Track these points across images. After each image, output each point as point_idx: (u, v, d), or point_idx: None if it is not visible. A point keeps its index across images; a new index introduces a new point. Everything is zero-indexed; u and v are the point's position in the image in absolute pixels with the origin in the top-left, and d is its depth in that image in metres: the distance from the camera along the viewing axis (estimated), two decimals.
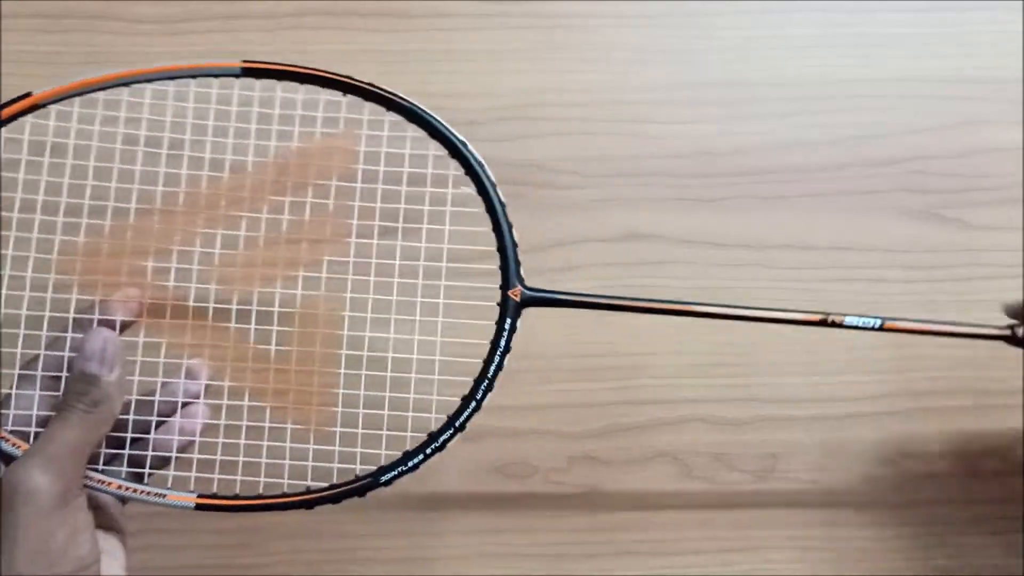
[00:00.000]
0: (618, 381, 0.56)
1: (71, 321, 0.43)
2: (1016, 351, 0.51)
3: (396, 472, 0.43)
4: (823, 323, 0.46)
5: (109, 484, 0.42)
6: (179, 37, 0.57)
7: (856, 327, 0.47)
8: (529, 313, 0.56)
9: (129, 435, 0.43)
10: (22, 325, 0.43)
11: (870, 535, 0.56)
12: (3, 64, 0.56)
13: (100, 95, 0.43)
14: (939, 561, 0.56)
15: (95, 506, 0.42)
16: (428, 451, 0.43)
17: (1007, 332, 0.48)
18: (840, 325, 0.46)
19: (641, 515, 0.56)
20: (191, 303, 0.44)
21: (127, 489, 0.42)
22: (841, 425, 0.56)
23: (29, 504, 0.37)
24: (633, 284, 0.56)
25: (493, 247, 0.44)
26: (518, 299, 0.44)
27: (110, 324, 0.42)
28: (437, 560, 0.55)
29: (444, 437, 0.43)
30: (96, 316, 0.42)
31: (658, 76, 0.58)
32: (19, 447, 0.41)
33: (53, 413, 0.41)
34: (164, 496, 0.42)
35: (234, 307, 0.45)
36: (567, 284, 0.56)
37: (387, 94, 0.44)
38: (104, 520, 0.43)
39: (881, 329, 0.47)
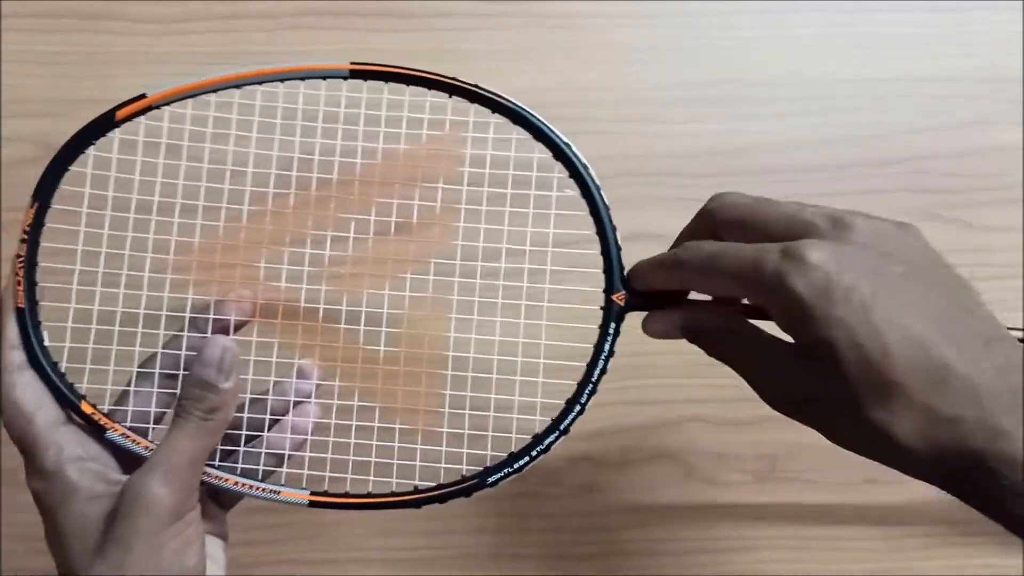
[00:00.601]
0: (618, 381, 0.56)
1: (187, 320, 0.44)
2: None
3: (503, 473, 0.44)
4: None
5: (226, 480, 0.43)
6: (179, 37, 0.57)
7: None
8: (531, 313, 0.56)
9: (244, 433, 0.44)
10: (140, 324, 0.44)
11: (870, 535, 0.56)
12: (3, 64, 0.56)
13: (212, 97, 0.44)
14: (939, 561, 0.56)
15: (204, 512, 0.43)
16: (534, 453, 0.44)
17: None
18: None
19: (641, 515, 0.56)
20: (302, 304, 0.45)
21: (243, 486, 0.43)
22: None
23: (148, 515, 0.38)
24: None
25: (597, 251, 0.44)
26: (622, 303, 0.44)
27: (224, 325, 0.43)
28: (437, 560, 0.55)
29: (549, 440, 0.44)
30: (211, 316, 0.43)
31: (659, 76, 0.58)
32: (139, 443, 0.42)
33: (170, 413, 0.41)
34: (278, 493, 0.43)
35: (344, 308, 0.45)
36: (568, 283, 0.56)
37: (492, 95, 0.44)
38: (210, 525, 0.44)
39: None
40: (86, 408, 0.42)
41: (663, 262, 0.41)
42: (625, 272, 0.44)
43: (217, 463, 0.44)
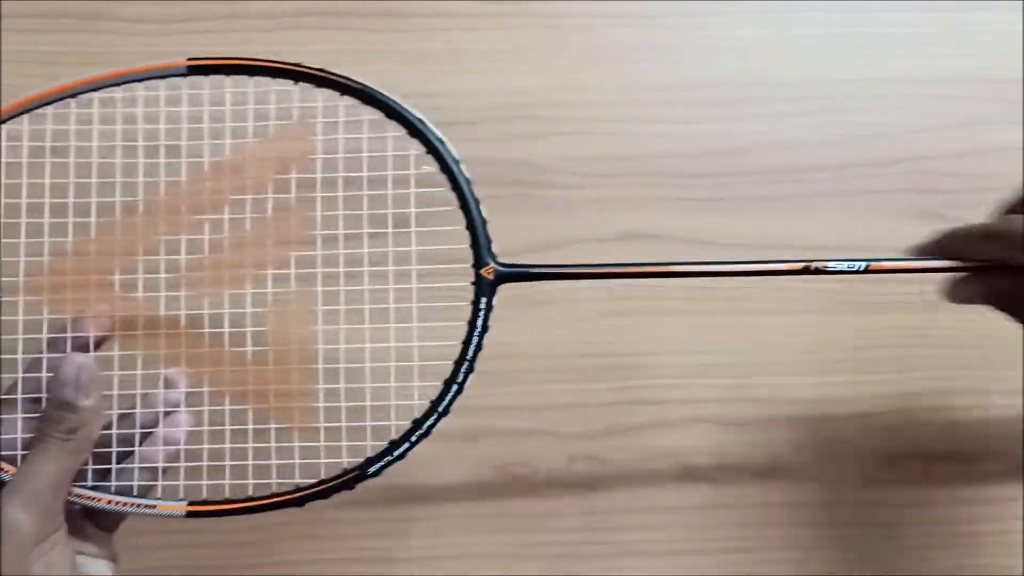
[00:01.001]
0: (618, 381, 0.56)
1: (45, 342, 0.43)
2: (1017, 353, 0.51)
3: (383, 462, 0.43)
4: (806, 271, 0.45)
5: (99, 500, 0.42)
6: (179, 37, 0.57)
7: (841, 272, 0.45)
8: (530, 312, 0.56)
9: (115, 450, 0.43)
10: None
11: (870, 535, 0.56)
12: (3, 64, 0.56)
13: (48, 110, 0.43)
14: (939, 561, 0.56)
15: (84, 534, 0.42)
16: (413, 438, 0.43)
17: (997, 260, 0.44)
18: (824, 272, 0.45)
19: (641, 515, 0.56)
20: (162, 312, 0.44)
21: (119, 503, 0.42)
22: (841, 425, 0.56)
23: (9, 540, 0.37)
24: (634, 284, 0.56)
25: (462, 226, 0.44)
26: (491, 277, 0.44)
27: (84, 342, 0.42)
28: (437, 560, 0.55)
29: (429, 423, 0.43)
30: (69, 335, 0.42)
31: (658, 76, 0.58)
32: (8, 471, 0.41)
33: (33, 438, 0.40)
34: (154, 507, 0.42)
35: (206, 312, 0.44)
36: (567, 283, 0.56)
37: (339, 78, 0.43)
38: (93, 546, 0.43)
39: (867, 272, 0.45)
40: None
41: (988, 232, 0.43)
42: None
43: (91, 483, 0.42)
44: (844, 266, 0.45)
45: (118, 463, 0.43)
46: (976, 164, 0.58)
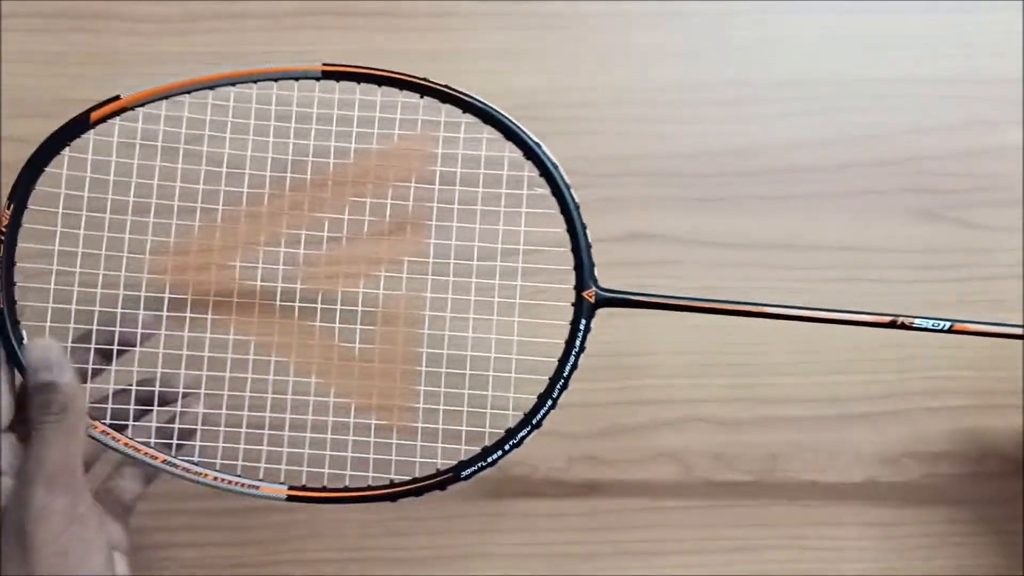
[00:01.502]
0: (618, 381, 0.56)
1: (94, 334, 0.44)
2: (1017, 352, 0.51)
3: (476, 467, 0.45)
4: (892, 325, 0.47)
5: (204, 475, 0.44)
6: (179, 37, 0.57)
7: (926, 329, 0.47)
8: (531, 313, 0.56)
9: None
10: (117, 323, 0.45)
11: (870, 535, 0.56)
12: (3, 64, 0.56)
13: (186, 98, 0.44)
14: (939, 561, 0.56)
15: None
16: (507, 447, 0.45)
17: None
18: (910, 327, 0.47)
19: (641, 515, 0.56)
20: (277, 302, 0.46)
21: (222, 480, 0.44)
22: (841, 425, 0.56)
23: (41, 523, 0.38)
24: (636, 284, 0.56)
25: (568, 248, 0.45)
26: (592, 300, 0.45)
27: (128, 338, 0.45)
28: (437, 560, 0.55)
29: (522, 434, 0.45)
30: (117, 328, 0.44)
31: (661, 76, 0.58)
32: (119, 440, 0.44)
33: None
34: (257, 488, 0.44)
35: (319, 306, 0.46)
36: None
37: (463, 96, 0.45)
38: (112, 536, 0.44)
39: (951, 331, 0.47)
40: None
41: None
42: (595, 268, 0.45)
43: (196, 459, 0.45)
44: (929, 324, 0.47)
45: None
46: (976, 164, 0.58)
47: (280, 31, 0.57)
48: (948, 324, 0.47)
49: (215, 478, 0.44)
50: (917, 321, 0.47)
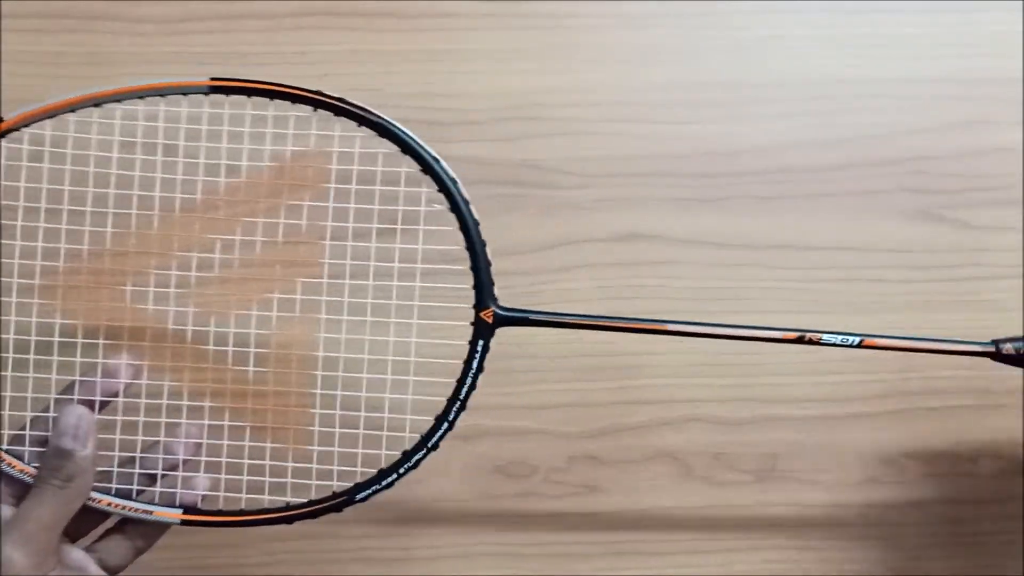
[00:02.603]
0: (618, 381, 0.56)
1: (76, 384, 0.44)
2: None
3: (371, 490, 0.45)
4: (800, 341, 0.45)
5: (99, 501, 0.43)
6: (179, 37, 0.57)
7: (834, 344, 0.45)
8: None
9: (117, 454, 0.45)
10: (10, 349, 0.45)
11: (870, 535, 0.56)
12: (3, 64, 0.56)
13: (71, 117, 0.44)
14: (939, 561, 0.56)
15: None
16: (401, 470, 0.45)
17: (991, 348, 0.46)
18: (817, 343, 0.45)
19: (641, 515, 0.56)
20: (169, 326, 0.46)
21: (116, 506, 0.44)
22: (841, 425, 0.56)
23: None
24: (634, 284, 0.56)
25: (467, 265, 0.45)
26: (490, 320, 0.45)
27: (113, 388, 0.44)
28: (437, 560, 0.55)
29: (418, 456, 0.45)
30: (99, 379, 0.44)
31: (658, 76, 0.58)
32: (25, 471, 0.43)
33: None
34: (151, 513, 0.44)
35: (212, 330, 0.46)
36: (567, 284, 0.56)
37: (358, 110, 0.44)
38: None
39: (860, 347, 0.46)
40: None
41: None
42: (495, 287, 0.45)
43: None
44: (838, 340, 0.45)
45: (119, 467, 0.45)
46: (976, 164, 0.58)
47: (280, 31, 0.57)
48: (858, 340, 0.45)
49: (110, 503, 0.43)
50: (825, 337, 0.45)
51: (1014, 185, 0.58)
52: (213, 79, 0.44)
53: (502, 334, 0.45)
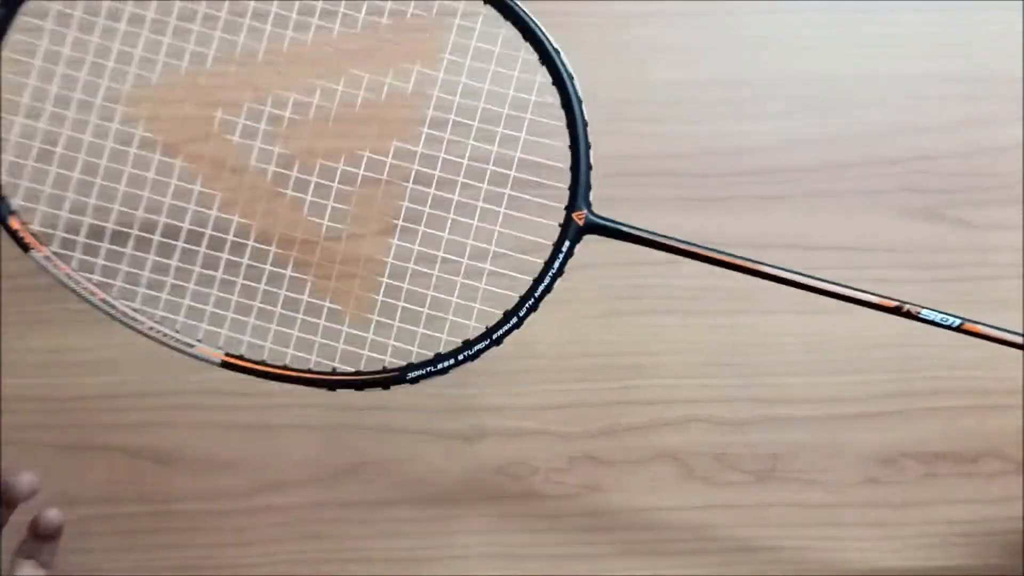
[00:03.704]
0: (618, 381, 0.56)
1: None
2: (1017, 352, 0.51)
3: (424, 371, 0.42)
4: (897, 311, 0.44)
5: (139, 323, 0.42)
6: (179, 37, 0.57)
7: (932, 322, 0.44)
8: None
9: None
10: (82, 150, 0.44)
11: (870, 535, 0.56)
12: (3, 64, 0.55)
13: None
14: (939, 561, 0.56)
15: None
16: (460, 357, 0.42)
17: None
18: (916, 316, 0.44)
19: (641, 515, 0.56)
20: (252, 162, 0.44)
21: (158, 332, 0.42)
22: (841, 425, 0.56)
23: None
24: (636, 283, 0.56)
25: (567, 165, 0.43)
26: (581, 223, 0.43)
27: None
28: (437, 560, 0.55)
29: (479, 347, 0.42)
30: None
31: (658, 76, 0.58)
32: (60, 268, 0.42)
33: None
34: (192, 347, 0.42)
35: (294, 175, 0.44)
36: (568, 284, 0.55)
37: None
38: None
39: (959, 329, 0.44)
40: (13, 223, 0.42)
41: None
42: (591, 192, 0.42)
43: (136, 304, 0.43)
44: (937, 318, 0.44)
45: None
46: (978, 164, 0.58)
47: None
48: (958, 321, 0.44)
49: (151, 328, 0.42)
50: (924, 312, 0.44)
51: (1014, 184, 0.58)
52: None
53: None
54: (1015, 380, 0.56)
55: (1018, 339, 0.45)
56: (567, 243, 0.43)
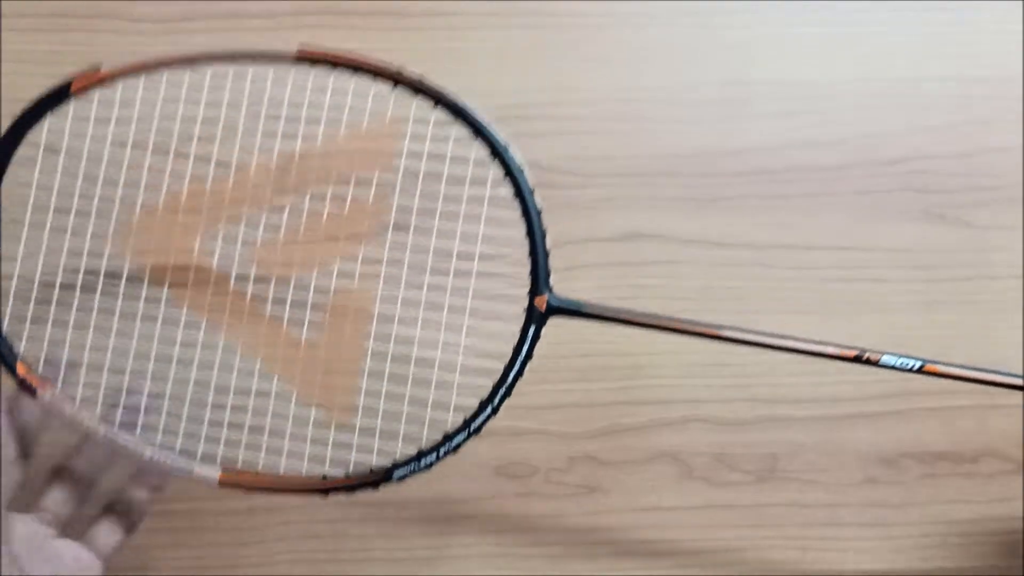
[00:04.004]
0: (618, 381, 0.56)
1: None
2: (1017, 353, 0.51)
3: (409, 469, 0.44)
4: (858, 360, 0.44)
5: (143, 452, 0.44)
6: (179, 36, 0.57)
7: (892, 367, 0.44)
8: None
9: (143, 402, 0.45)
10: (77, 287, 0.46)
11: (870, 535, 0.56)
12: (3, 64, 0.56)
13: (164, 74, 0.45)
14: (939, 561, 0.56)
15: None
16: (442, 452, 0.44)
17: None
18: (876, 363, 0.44)
19: (641, 515, 0.56)
20: (232, 281, 0.47)
21: (160, 459, 0.44)
22: (841, 425, 0.56)
23: None
24: (635, 284, 0.56)
25: (525, 251, 0.45)
26: (543, 308, 0.44)
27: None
28: (437, 560, 0.55)
29: (458, 440, 0.44)
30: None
31: (658, 76, 0.58)
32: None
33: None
34: (191, 471, 0.44)
35: (271, 291, 0.47)
36: (569, 284, 0.55)
37: (435, 90, 0.45)
38: None
39: (921, 371, 0.44)
40: (20, 369, 0.44)
41: None
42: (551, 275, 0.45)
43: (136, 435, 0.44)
44: (897, 363, 0.44)
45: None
46: (977, 164, 0.58)
47: (279, 31, 0.57)
48: (919, 364, 0.44)
49: (152, 456, 0.44)
50: (884, 359, 0.44)
51: (1014, 185, 0.58)
52: (301, 49, 0.44)
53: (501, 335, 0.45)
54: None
55: (981, 375, 0.45)
56: (532, 328, 0.44)
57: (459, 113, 0.44)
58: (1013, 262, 0.57)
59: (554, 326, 0.56)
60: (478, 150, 0.45)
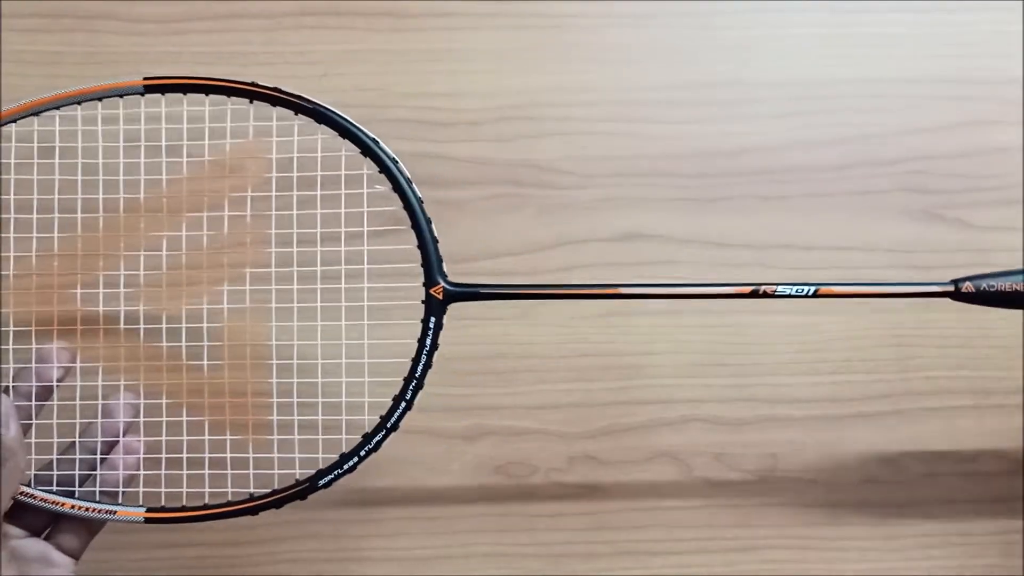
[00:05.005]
0: (618, 381, 0.56)
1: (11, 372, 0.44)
2: (1017, 353, 0.51)
3: (333, 475, 0.45)
4: (754, 295, 0.45)
5: (63, 504, 0.43)
6: (178, 37, 0.57)
7: (788, 295, 0.45)
8: (530, 311, 0.56)
9: (78, 457, 0.44)
10: None
11: (870, 535, 0.56)
12: (3, 64, 0.56)
13: (12, 128, 0.45)
14: (939, 561, 0.56)
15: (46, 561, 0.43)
16: (362, 453, 0.45)
17: (950, 288, 0.46)
18: (772, 295, 0.45)
19: (641, 515, 0.56)
20: (121, 325, 0.46)
21: (80, 508, 0.43)
22: (841, 425, 0.56)
23: None
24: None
25: (414, 245, 0.45)
26: (440, 296, 0.45)
27: (48, 375, 0.44)
28: (438, 560, 0.55)
29: (378, 438, 0.45)
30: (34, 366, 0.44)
31: (658, 76, 0.58)
32: None
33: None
34: (114, 513, 0.44)
35: (164, 326, 0.46)
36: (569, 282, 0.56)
37: (293, 98, 0.44)
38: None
39: (815, 296, 0.45)
40: None
41: None
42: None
43: (54, 488, 0.44)
44: (792, 290, 0.45)
45: (82, 473, 0.45)
46: (976, 164, 0.58)
47: (279, 31, 0.57)
48: (813, 289, 0.45)
49: (73, 506, 0.43)
50: (780, 288, 0.45)
51: (1014, 185, 0.58)
52: (147, 79, 0.44)
53: (504, 332, 0.45)
54: (1015, 380, 0.56)
55: (877, 288, 0.46)
56: (432, 319, 0.45)
57: (322, 118, 0.44)
58: (1013, 262, 0.57)
59: (554, 326, 0.56)
60: (348, 149, 0.45)
